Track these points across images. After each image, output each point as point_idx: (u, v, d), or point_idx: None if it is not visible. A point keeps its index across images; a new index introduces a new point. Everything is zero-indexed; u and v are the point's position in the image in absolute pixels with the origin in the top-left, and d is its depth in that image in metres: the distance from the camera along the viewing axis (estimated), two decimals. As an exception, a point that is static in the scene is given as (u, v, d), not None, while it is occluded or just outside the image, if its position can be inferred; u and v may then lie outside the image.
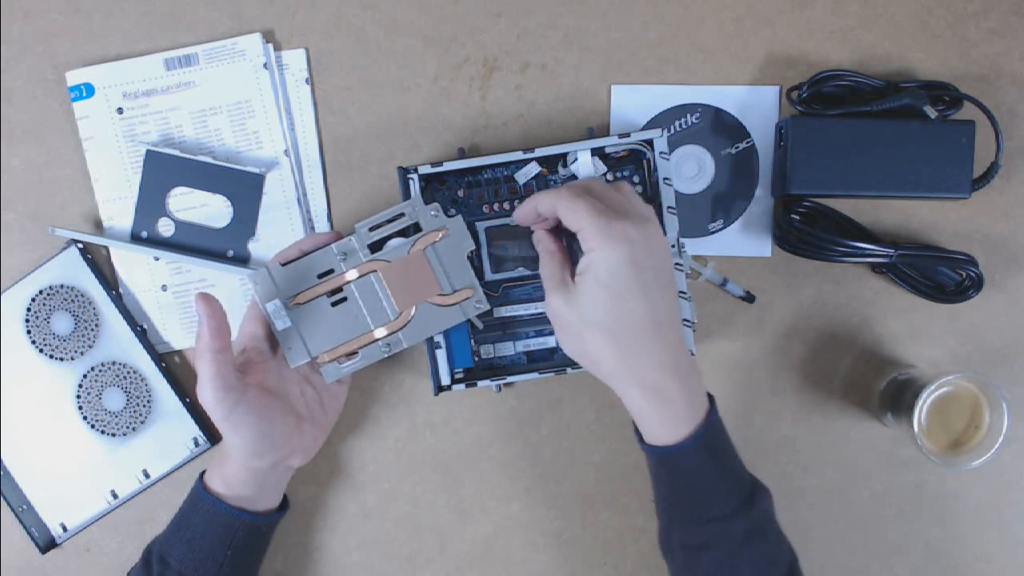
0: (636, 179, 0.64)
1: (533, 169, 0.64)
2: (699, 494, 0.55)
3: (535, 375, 0.63)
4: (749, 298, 0.67)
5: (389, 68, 0.67)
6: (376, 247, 0.61)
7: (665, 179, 0.62)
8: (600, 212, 0.54)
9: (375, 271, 0.60)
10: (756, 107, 0.66)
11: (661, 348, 0.54)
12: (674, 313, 0.56)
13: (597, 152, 0.63)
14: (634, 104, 0.67)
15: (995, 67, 0.66)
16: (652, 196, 0.63)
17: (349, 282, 0.60)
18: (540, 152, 0.62)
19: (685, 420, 0.54)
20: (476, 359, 0.65)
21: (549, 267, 0.58)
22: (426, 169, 0.62)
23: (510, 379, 0.63)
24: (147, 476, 0.68)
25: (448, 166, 0.62)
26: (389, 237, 0.61)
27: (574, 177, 0.64)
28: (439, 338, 0.62)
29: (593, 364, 0.56)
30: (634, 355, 0.54)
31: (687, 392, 0.54)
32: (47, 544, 0.68)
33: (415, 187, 0.61)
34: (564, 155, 0.64)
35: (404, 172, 0.62)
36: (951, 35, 0.66)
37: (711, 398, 0.56)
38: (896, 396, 0.64)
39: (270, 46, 0.67)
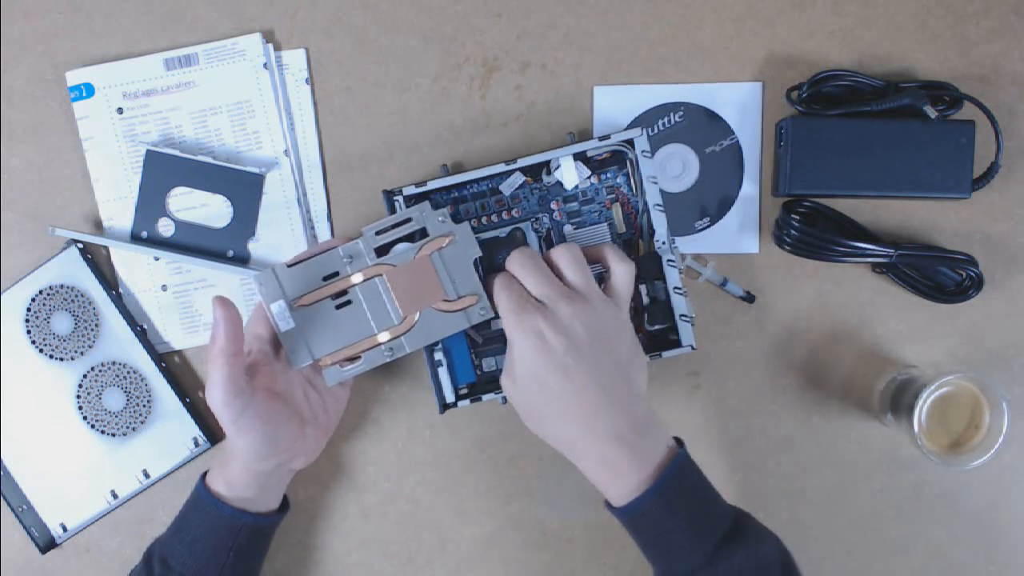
0: (621, 180, 0.64)
1: (518, 179, 0.64)
2: (662, 549, 0.55)
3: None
4: (749, 298, 0.67)
5: (389, 68, 0.67)
6: (382, 251, 0.60)
7: (651, 177, 0.61)
8: (514, 303, 0.57)
9: (380, 275, 0.60)
10: (739, 104, 0.66)
11: (600, 423, 0.55)
12: (614, 380, 0.56)
13: (580, 156, 0.63)
14: (618, 105, 0.67)
15: (995, 67, 0.66)
16: (637, 195, 0.63)
17: (354, 285, 0.60)
18: (522, 162, 0.62)
19: (636, 482, 0.55)
20: (478, 373, 0.65)
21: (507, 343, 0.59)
22: (411, 190, 0.61)
23: None
24: (147, 476, 0.68)
25: (432, 184, 0.62)
26: (396, 241, 0.61)
27: (559, 185, 0.64)
28: (440, 356, 0.62)
29: (547, 439, 0.58)
30: (576, 433, 0.56)
31: (636, 454, 0.55)
32: (47, 544, 0.68)
33: (400, 207, 0.61)
34: (547, 163, 0.63)
35: (389, 195, 0.61)
36: (951, 35, 0.66)
37: (678, 442, 0.57)
38: (896, 396, 0.64)
39: (270, 46, 0.67)
